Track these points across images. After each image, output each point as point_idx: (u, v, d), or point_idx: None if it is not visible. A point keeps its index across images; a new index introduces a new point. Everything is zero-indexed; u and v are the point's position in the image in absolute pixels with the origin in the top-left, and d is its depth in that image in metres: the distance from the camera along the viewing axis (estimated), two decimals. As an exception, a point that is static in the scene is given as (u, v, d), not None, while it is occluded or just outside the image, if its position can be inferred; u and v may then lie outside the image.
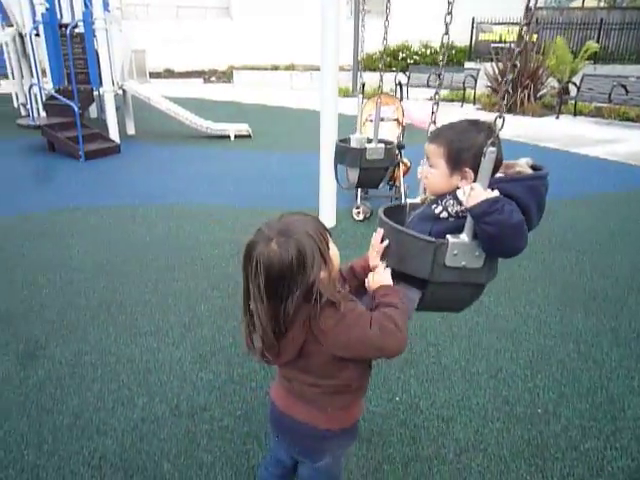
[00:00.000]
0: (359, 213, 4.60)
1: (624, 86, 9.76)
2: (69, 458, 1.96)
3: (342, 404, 1.36)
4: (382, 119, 4.47)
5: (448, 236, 1.33)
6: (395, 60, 16.29)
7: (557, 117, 10.27)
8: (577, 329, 2.86)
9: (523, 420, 2.17)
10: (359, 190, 4.66)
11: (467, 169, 1.37)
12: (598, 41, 13.63)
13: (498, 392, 2.34)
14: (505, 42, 13.76)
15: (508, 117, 1.29)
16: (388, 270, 1.38)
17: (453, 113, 11.63)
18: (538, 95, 11.15)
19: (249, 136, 8.66)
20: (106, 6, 7.53)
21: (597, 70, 12.65)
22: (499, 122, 1.28)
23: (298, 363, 1.29)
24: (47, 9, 7.51)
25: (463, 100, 12.58)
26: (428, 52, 16.60)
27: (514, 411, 2.22)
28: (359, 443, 2.01)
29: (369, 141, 4.16)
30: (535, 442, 2.05)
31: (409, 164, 4.84)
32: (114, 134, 7.70)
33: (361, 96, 4.34)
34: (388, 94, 5.83)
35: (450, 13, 1.60)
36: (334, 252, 1.27)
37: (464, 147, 1.37)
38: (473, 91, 12.37)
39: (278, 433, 1.48)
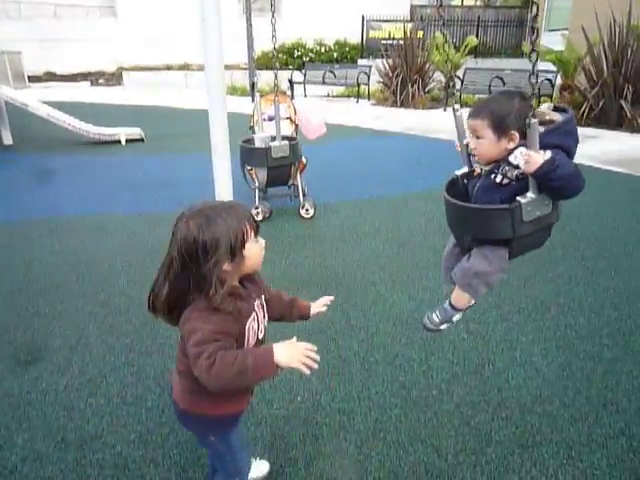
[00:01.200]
0: (258, 213, 4.55)
1: (501, 78, 10.56)
2: None
3: (193, 389, 1.34)
4: (272, 119, 4.45)
5: (518, 198, 1.54)
6: (291, 58, 16.36)
7: (444, 109, 10.86)
8: (467, 309, 3.03)
9: (419, 403, 2.25)
10: (257, 190, 4.61)
11: (512, 131, 1.56)
12: (477, 37, 14.64)
13: (395, 378, 2.41)
14: (394, 39, 14.30)
15: (400, 111, 1.37)
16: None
17: (351, 108, 11.92)
18: (426, 89, 11.75)
19: (142, 140, 8.26)
20: (-36, 4, 6.79)
21: (478, 64, 13.57)
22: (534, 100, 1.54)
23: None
24: None
25: (358, 96, 12.93)
26: (323, 50, 16.86)
27: (411, 395, 2.30)
28: (261, 450, 1.98)
29: (273, 139, 4.12)
30: (431, 423, 2.14)
31: (305, 161, 4.87)
32: (-14, 145, 6.99)
33: (253, 94, 4.30)
34: (279, 92, 5.80)
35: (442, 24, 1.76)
36: (253, 252, 1.30)
37: (505, 114, 1.56)
38: (367, 87, 12.75)
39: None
